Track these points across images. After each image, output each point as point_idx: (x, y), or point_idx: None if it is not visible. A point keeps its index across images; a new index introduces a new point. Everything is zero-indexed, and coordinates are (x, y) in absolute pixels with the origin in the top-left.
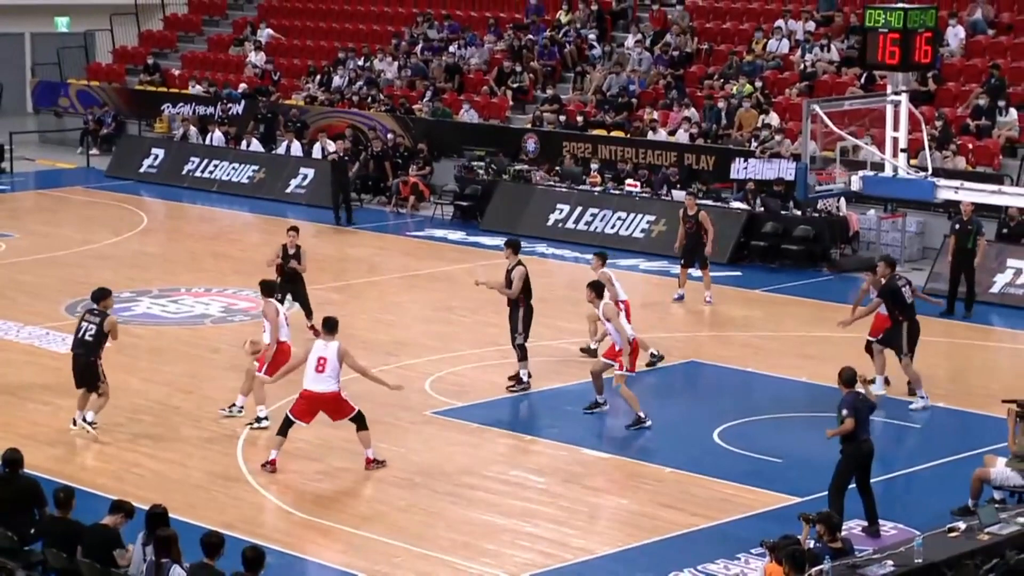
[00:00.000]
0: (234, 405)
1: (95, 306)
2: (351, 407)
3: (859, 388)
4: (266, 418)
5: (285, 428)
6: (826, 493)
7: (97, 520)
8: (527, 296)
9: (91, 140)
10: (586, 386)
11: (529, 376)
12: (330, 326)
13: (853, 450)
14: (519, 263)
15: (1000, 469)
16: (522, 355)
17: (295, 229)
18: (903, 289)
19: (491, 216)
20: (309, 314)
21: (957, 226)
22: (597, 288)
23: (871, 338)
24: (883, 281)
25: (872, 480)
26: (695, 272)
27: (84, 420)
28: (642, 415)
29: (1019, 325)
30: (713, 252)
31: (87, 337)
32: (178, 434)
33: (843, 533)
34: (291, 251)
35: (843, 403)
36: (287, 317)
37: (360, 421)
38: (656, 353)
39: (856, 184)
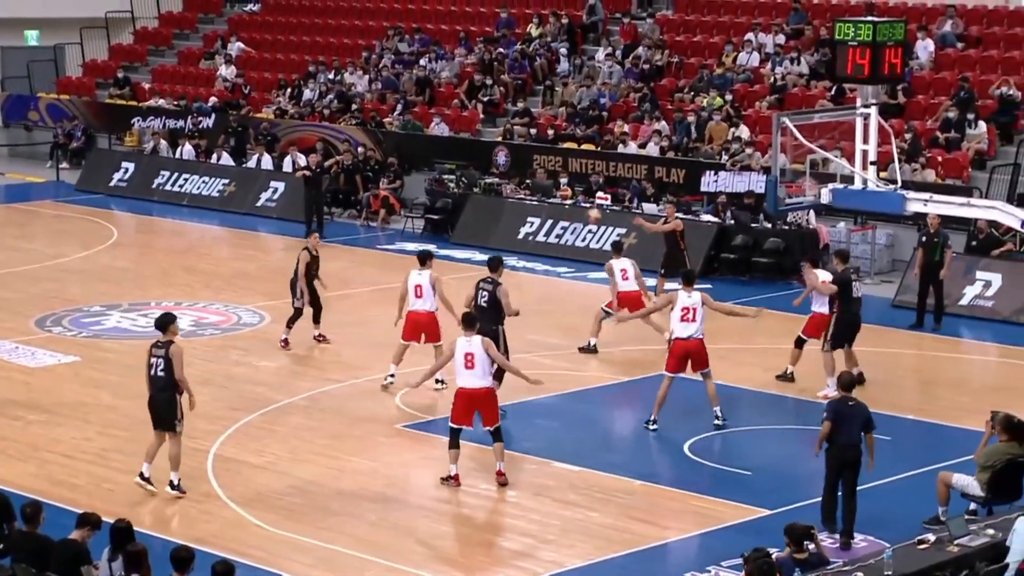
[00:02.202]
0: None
1: (160, 336)
2: (498, 412)
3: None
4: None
5: (454, 439)
6: (796, 505)
7: (66, 535)
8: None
9: (61, 154)
10: (556, 399)
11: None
12: (470, 321)
13: (834, 453)
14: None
15: (961, 476)
16: None
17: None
18: (854, 283)
19: (462, 229)
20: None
21: (924, 238)
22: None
23: (803, 335)
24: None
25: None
26: (672, 285)
27: (170, 486)
28: None
29: (988, 337)
30: (680, 258)
31: (158, 373)
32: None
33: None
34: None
35: (826, 406)
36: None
37: (499, 432)
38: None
39: (826, 197)
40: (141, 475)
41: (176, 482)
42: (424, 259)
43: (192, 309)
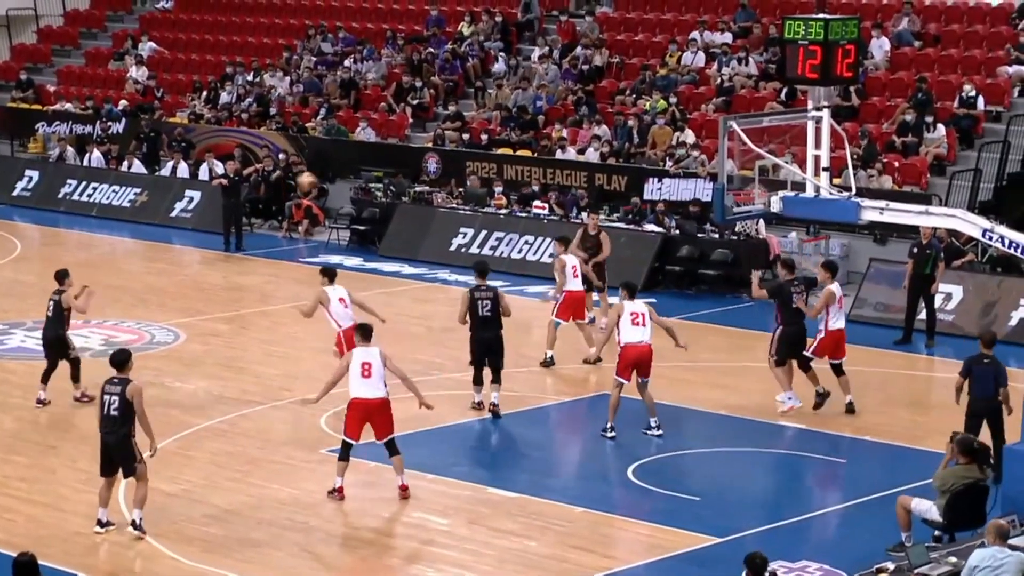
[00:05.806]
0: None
1: (114, 374)
2: (393, 424)
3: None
4: None
5: (345, 452)
6: (747, 532)
7: None
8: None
9: None
10: (491, 421)
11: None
12: (365, 332)
13: (970, 404)
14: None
15: (921, 500)
16: None
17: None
18: (794, 295)
19: (390, 241)
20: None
21: (915, 249)
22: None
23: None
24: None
25: (795, 519)
26: (594, 296)
27: (133, 526)
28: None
29: (949, 353)
30: (600, 276)
31: (112, 412)
32: (55, 476)
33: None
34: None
35: (964, 362)
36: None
37: (393, 445)
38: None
39: (776, 205)
40: (99, 522)
41: (139, 521)
42: (333, 276)
43: (101, 327)
